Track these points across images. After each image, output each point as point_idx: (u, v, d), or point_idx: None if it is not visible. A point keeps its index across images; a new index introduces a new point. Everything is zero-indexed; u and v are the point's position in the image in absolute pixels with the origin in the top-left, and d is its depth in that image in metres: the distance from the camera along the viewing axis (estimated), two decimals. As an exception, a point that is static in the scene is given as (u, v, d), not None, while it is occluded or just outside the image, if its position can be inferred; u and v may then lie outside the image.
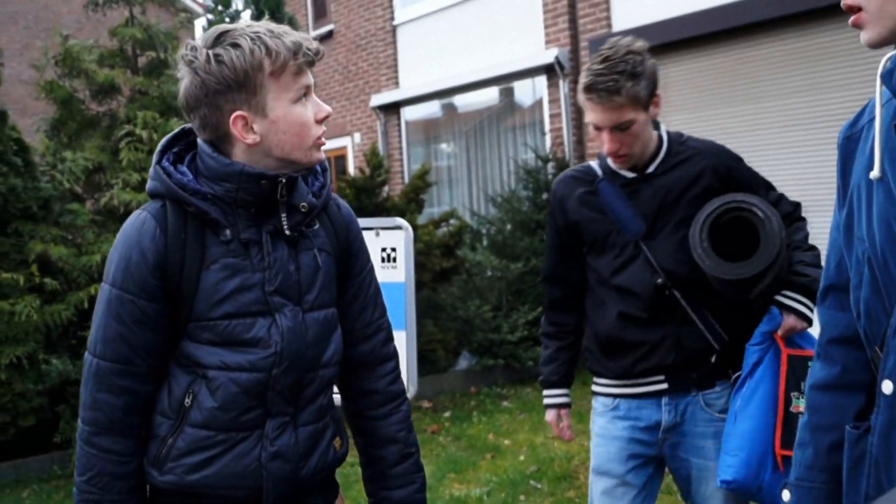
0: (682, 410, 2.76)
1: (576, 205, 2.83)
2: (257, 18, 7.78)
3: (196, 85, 1.83)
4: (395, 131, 12.26)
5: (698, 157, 2.75)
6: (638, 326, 2.73)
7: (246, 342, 1.91)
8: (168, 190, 1.88)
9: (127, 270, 1.87)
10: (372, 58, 12.61)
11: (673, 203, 2.71)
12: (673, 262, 2.68)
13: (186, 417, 1.91)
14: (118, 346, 1.89)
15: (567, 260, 2.93)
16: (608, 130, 2.63)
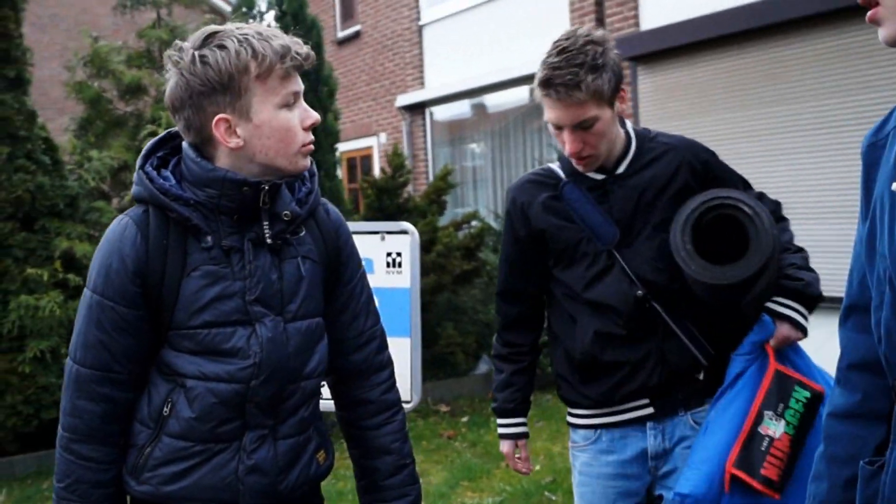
0: (669, 434, 2.52)
1: (539, 211, 2.53)
2: (281, 20, 7.84)
3: (181, 86, 1.81)
4: (421, 131, 12.29)
5: (672, 153, 2.50)
6: (617, 345, 2.47)
7: (225, 352, 1.88)
8: (150, 195, 1.86)
9: (107, 276, 1.85)
10: (398, 58, 12.65)
11: (648, 205, 2.46)
12: (651, 270, 2.44)
13: (164, 427, 1.90)
14: (98, 352, 1.87)
15: (526, 274, 2.64)
16: (569, 130, 2.37)
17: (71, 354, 1.92)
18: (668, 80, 8.26)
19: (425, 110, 12.20)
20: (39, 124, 6.93)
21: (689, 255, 2.34)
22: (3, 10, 6.64)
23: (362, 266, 2.21)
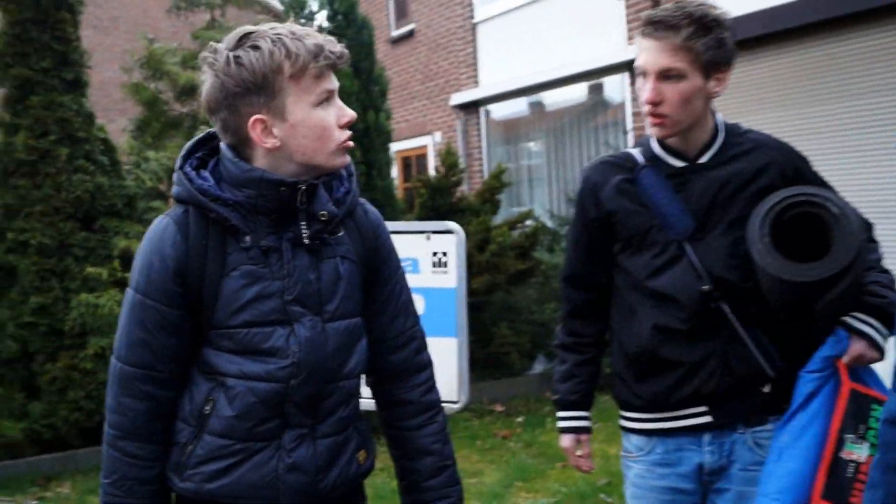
0: (727, 451, 2.34)
1: (612, 194, 2.40)
2: (332, 19, 7.88)
3: (216, 87, 1.82)
4: (475, 130, 12.25)
5: (762, 151, 2.36)
6: (676, 342, 2.32)
7: (264, 351, 1.89)
8: (190, 195, 1.87)
9: (149, 276, 1.87)
10: (452, 56, 12.63)
11: (728, 199, 2.31)
12: (723, 267, 2.29)
13: (206, 425, 1.91)
14: (141, 351, 1.89)
15: (593, 259, 2.50)
16: (653, 77, 2.25)
17: (115, 352, 1.94)
18: (725, 76, 8.11)
19: (479, 109, 12.16)
20: (98, 126, 7.06)
21: (766, 248, 2.18)
22: (60, 13, 6.78)
23: (401, 266, 2.20)
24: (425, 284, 3.47)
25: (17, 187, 6.59)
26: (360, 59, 7.96)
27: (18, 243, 6.50)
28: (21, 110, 6.69)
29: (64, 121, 6.72)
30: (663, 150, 2.38)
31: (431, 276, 3.47)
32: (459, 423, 7.19)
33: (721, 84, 2.32)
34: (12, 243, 6.53)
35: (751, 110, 7.71)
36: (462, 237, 3.45)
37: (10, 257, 6.53)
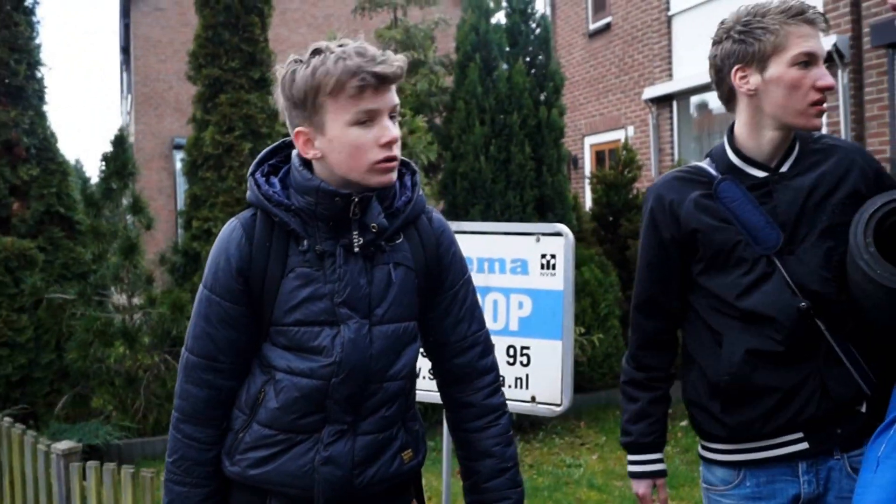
0: (823, 478, 2.17)
1: (692, 210, 2.23)
2: (510, 17, 7.94)
3: (280, 100, 1.99)
4: (668, 124, 11.97)
5: (841, 153, 2.20)
6: (772, 366, 2.14)
7: (311, 349, 1.99)
8: (257, 200, 2.01)
9: (216, 274, 2.01)
10: (647, 49, 12.38)
11: (816, 207, 2.16)
12: (818, 280, 2.12)
13: (256, 414, 2.04)
14: (205, 343, 2.03)
15: (670, 283, 2.33)
16: (821, 62, 2.13)
17: (185, 344, 2.09)
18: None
19: (672, 102, 11.86)
20: (281, 122, 7.45)
21: (874, 258, 2.02)
22: (250, 17, 7.22)
23: (468, 272, 2.24)
24: (533, 286, 3.49)
25: (204, 179, 7.10)
26: (536, 55, 8.00)
27: (203, 231, 7.00)
28: (211, 107, 7.20)
29: (249, 117, 7.16)
30: (742, 160, 2.24)
31: (539, 278, 3.48)
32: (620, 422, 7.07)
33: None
34: (197, 231, 7.04)
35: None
36: (571, 240, 3.43)
37: (195, 244, 7.05)
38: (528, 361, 3.50)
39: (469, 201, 7.41)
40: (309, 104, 1.92)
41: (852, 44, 8.92)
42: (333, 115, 1.91)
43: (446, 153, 7.62)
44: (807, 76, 2.11)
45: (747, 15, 2.17)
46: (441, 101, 7.94)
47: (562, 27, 14.98)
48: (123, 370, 6.78)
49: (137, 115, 18.23)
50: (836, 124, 9.09)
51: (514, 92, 7.55)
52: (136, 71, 18.26)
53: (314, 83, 1.90)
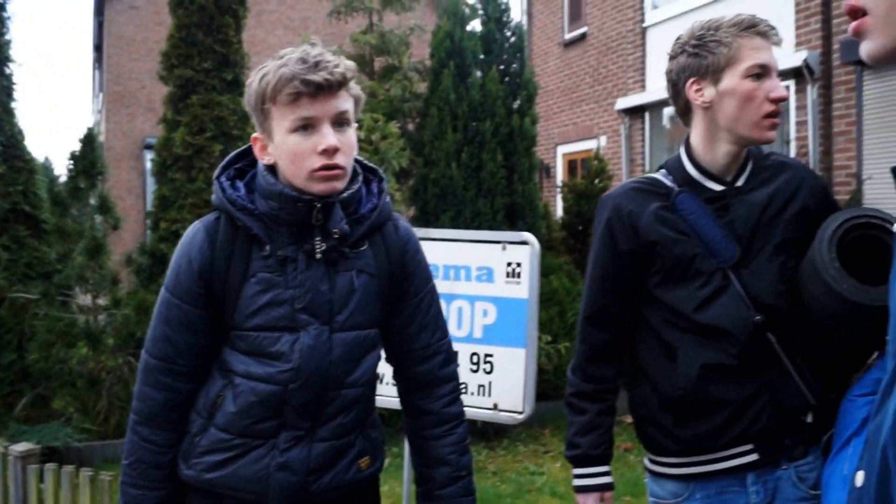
0: (771, 489, 2.19)
1: (652, 222, 2.21)
2: (485, 25, 7.96)
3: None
4: (640, 135, 12.04)
5: (791, 172, 2.25)
6: (726, 380, 2.15)
7: (270, 355, 1.99)
8: (221, 204, 2.02)
9: (177, 277, 2.02)
10: (621, 60, 12.46)
11: (770, 222, 2.19)
12: (773, 294, 2.14)
13: (213, 418, 2.03)
14: (164, 345, 2.03)
15: (623, 294, 2.29)
16: (774, 73, 2.16)
17: (144, 346, 2.08)
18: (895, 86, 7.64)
19: (644, 113, 11.94)
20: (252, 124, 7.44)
21: (839, 273, 2.03)
22: (224, 18, 7.19)
23: (432, 281, 2.24)
24: (498, 294, 3.49)
25: (174, 180, 7.06)
26: (510, 63, 8.02)
27: (170, 232, 6.95)
28: (182, 108, 7.16)
29: (220, 119, 7.13)
30: (700, 173, 2.25)
31: (504, 287, 3.48)
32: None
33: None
34: (165, 232, 7.00)
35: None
36: (537, 249, 3.44)
37: (162, 245, 7.00)
38: (491, 369, 3.51)
39: (440, 208, 7.41)
40: (258, 111, 1.96)
41: (822, 60, 9.02)
42: (277, 121, 1.93)
43: (418, 159, 7.63)
44: (760, 88, 2.13)
45: (701, 29, 2.20)
46: (414, 107, 7.94)
47: (537, 36, 15.04)
48: (86, 372, 6.71)
49: (109, 114, 18.09)
50: (805, 139, 9.19)
51: (488, 100, 7.57)
52: (108, 69, 18.12)
53: (260, 90, 1.93)
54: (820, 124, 9.05)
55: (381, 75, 8.08)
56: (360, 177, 2.08)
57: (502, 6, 8.04)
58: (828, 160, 9.04)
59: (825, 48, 9.01)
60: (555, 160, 14.44)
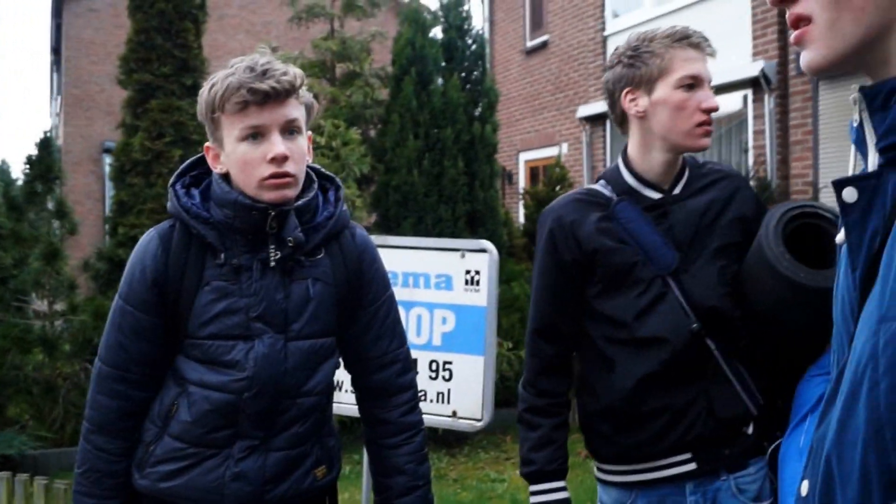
0: (710, 499, 2.21)
1: (593, 232, 2.23)
2: (447, 32, 7.98)
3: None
4: (601, 143, 12.12)
5: (727, 180, 2.31)
6: (663, 389, 2.18)
7: (224, 363, 1.98)
8: (175, 211, 2.01)
9: (131, 285, 2.00)
10: (582, 68, 12.54)
11: (708, 228, 2.23)
12: (713, 297, 2.17)
13: (168, 427, 2.02)
14: (117, 353, 2.02)
15: (568, 306, 2.31)
16: (707, 85, 2.20)
17: (98, 353, 2.07)
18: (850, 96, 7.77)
19: (606, 121, 12.02)
20: (212, 130, 7.40)
21: (793, 263, 2.04)
22: (184, 23, 7.15)
23: (390, 289, 2.24)
24: (457, 302, 3.50)
25: (132, 185, 7.00)
26: (471, 70, 8.05)
27: (128, 238, 6.89)
28: (141, 113, 7.10)
29: (179, 124, 7.09)
30: (638, 181, 2.27)
31: (463, 294, 3.50)
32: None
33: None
34: (123, 237, 6.94)
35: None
36: (495, 256, 3.46)
37: (120, 251, 6.94)
38: (450, 376, 3.52)
39: (401, 214, 7.42)
40: (209, 120, 1.96)
41: (779, 70, 9.15)
42: (227, 130, 1.94)
43: (379, 166, 7.63)
44: (692, 98, 2.18)
45: (636, 40, 2.24)
46: (376, 114, 7.94)
47: (500, 43, 15.10)
48: (42, 378, 6.62)
49: (67, 118, 17.87)
50: (762, 148, 9.32)
51: (449, 107, 7.59)
52: (66, 72, 17.90)
53: (209, 99, 1.93)
54: (777, 133, 9.18)
55: (343, 81, 8.07)
56: (315, 185, 2.08)
57: (463, 14, 8.08)
58: (785, 169, 9.17)
59: (782, 58, 9.14)
60: (517, 167, 14.50)
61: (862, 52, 1.03)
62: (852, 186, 1.02)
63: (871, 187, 1.01)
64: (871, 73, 1.05)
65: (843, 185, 1.03)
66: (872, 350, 0.91)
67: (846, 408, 0.96)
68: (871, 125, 1.03)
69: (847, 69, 1.06)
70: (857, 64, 1.05)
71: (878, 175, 1.01)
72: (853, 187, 1.02)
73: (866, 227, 1.02)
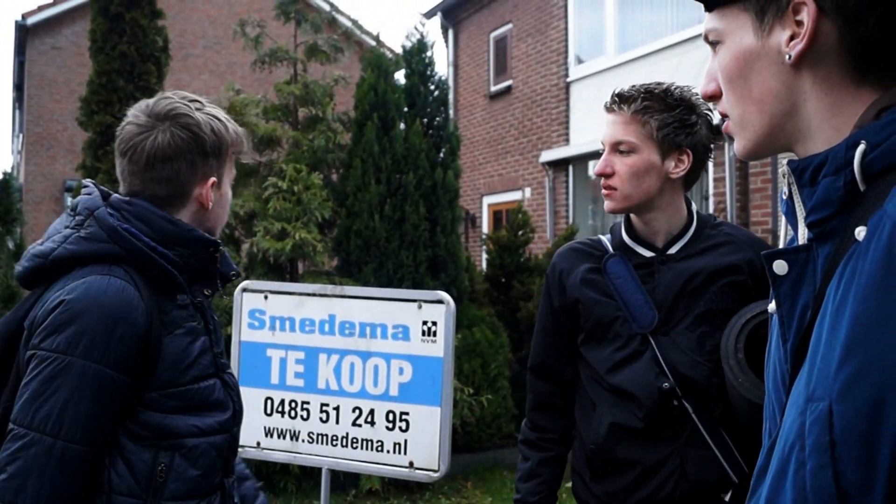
0: None
1: (576, 282, 2.33)
2: (409, 78, 8.03)
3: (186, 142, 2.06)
4: (563, 188, 12.23)
5: (734, 246, 2.26)
6: (633, 441, 2.19)
7: (212, 405, 1.94)
8: (139, 252, 1.84)
9: (108, 345, 1.75)
10: (546, 113, 12.68)
11: (694, 293, 2.21)
12: (688, 364, 2.17)
13: (162, 492, 1.84)
14: (92, 428, 1.75)
15: (559, 348, 2.40)
16: (608, 149, 2.26)
17: (48, 430, 1.72)
18: (780, 169, 7.91)
19: (568, 166, 12.14)
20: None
21: (739, 366, 2.04)
22: (146, 65, 7.14)
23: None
24: (414, 352, 3.50)
25: (91, 228, 6.91)
26: (434, 116, 8.10)
27: (86, 281, 6.79)
28: (101, 155, 7.05)
29: (141, 166, 7.04)
30: (633, 239, 2.32)
31: (420, 345, 3.49)
32: (507, 482, 7.11)
33: (680, 166, 2.22)
34: (81, 281, 6.83)
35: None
36: (452, 308, 3.46)
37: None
38: (406, 427, 3.51)
39: (362, 259, 7.40)
40: (220, 154, 1.96)
41: (737, 119, 9.29)
42: (227, 171, 2.02)
43: (341, 210, 7.62)
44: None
45: None
46: (338, 158, 7.94)
47: (464, 87, 15.24)
48: None
49: (28, 156, 17.72)
50: (722, 195, 9.44)
51: (411, 152, 7.62)
52: (28, 110, 17.77)
53: (231, 137, 1.98)
54: (737, 181, 9.30)
55: (305, 125, 8.07)
56: None
57: (426, 60, 8.13)
58: (745, 216, 9.29)
59: (740, 107, 9.29)
60: (480, 210, 14.57)
61: (776, 137, 1.09)
62: (783, 259, 1.05)
63: (802, 260, 1.04)
64: (794, 151, 1.09)
65: (774, 258, 1.06)
66: (799, 430, 0.93)
67: (773, 487, 0.97)
68: (800, 199, 1.06)
69: (774, 151, 1.11)
70: (779, 146, 1.10)
71: (808, 248, 1.04)
72: (783, 260, 1.05)
73: (797, 300, 1.05)
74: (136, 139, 1.90)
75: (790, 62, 1.02)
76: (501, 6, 13.96)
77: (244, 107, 7.91)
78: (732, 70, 1.10)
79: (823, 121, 1.04)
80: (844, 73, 1.01)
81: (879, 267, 0.88)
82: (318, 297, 3.66)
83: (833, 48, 1.00)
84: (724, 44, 1.11)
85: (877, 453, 0.85)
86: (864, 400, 0.86)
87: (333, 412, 3.58)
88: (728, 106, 1.13)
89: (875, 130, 0.97)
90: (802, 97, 1.04)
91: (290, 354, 3.64)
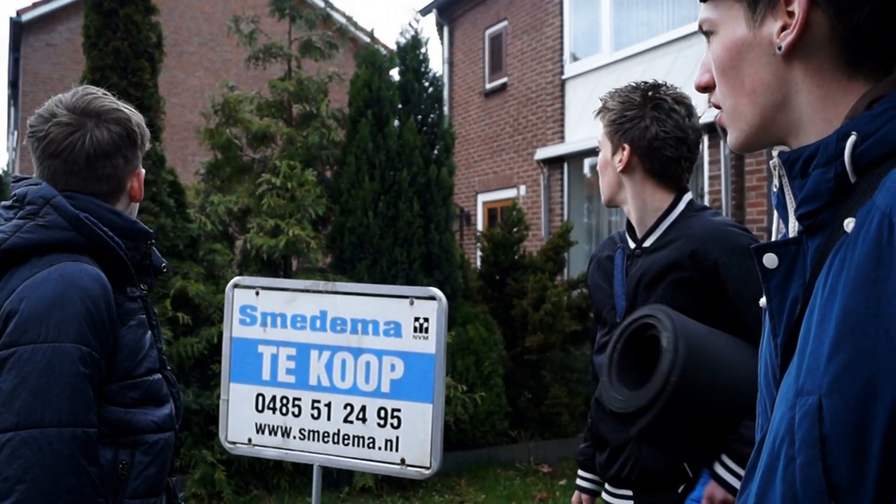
0: None
1: (595, 268, 2.56)
2: (404, 75, 8.02)
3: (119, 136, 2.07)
4: (558, 185, 12.21)
5: (685, 241, 2.26)
6: (607, 420, 2.31)
7: (161, 399, 1.93)
8: (101, 242, 1.84)
9: (93, 327, 1.76)
10: (541, 111, 12.65)
11: (647, 288, 2.29)
12: None
13: (124, 490, 1.82)
14: (84, 408, 1.73)
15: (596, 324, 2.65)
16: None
17: (57, 419, 1.69)
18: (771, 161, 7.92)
19: (563, 164, 12.12)
20: (168, 168, 7.33)
21: (611, 382, 2.06)
22: (140, 61, 7.09)
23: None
24: (406, 349, 3.48)
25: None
26: (428, 113, 8.08)
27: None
28: (94, 151, 7.00)
29: (134, 163, 7.00)
30: (628, 230, 2.48)
31: (412, 341, 3.48)
32: (500, 480, 7.10)
33: (622, 161, 2.35)
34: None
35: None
36: (444, 304, 3.44)
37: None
38: (398, 424, 3.49)
39: (356, 256, 7.39)
40: (144, 147, 2.03)
41: (732, 117, 9.28)
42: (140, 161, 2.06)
43: (335, 207, 7.60)
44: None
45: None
46: (332, 155, 7.92)
47: (459, 85, 15.20)
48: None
49: (24, 152, 17.65)
50: (718, 193, 9.43)
51: (405, 149, 7.60)
52: (24, 107, 17.71)
53: (144, 132, 2.03)
54: (732, 178, 9.29)
55: (299, 122, 8.04)
56: None
57: (420, 57, 8.11)
58: (740, 214, 9.28)
59: (735, 105, 9.28)
60: (475, 208, 14.54)
61: (769, 129, 1.08)
62: (772, 252, 1.04)
63: (791, 254, 1.03)
64: (787, 143, 1.09)
65: (764, 251, 1.04)
66: (789, 425, 0.91)
67: (763, 482, 0.96)
68: (790, 191, 1.05)
69: (767, 144, 1.11)
70: (772, 138, 1.10)
71: (798, 241, 1.03)
72: (773, 253, 1.04)
73: (787, 293, 1.04)
74: (69, 139, 1.89)
75: (781, 53, 1.02)
76: (496, 3, 13.93)
77: (238, 103, 7.89)
78: (725, 61, 1.10)
79: (815, 113, 1.03)
80: (836, 65, 1.00)
81: (868, 258, 0.87)
82: (309, 293, 3.64)
83: (825, 39, 0.99)
84: (717, 34, 1.11)
85: (867, 447, 0.84)
86: (853, 393, 0.85)
87: (325, 409, 3.56)
88: (721, 97, 1.12)
89: (866, 121, 0.96)
90: (794, 89, 1.04)
91: (281, 351, 3.62)
